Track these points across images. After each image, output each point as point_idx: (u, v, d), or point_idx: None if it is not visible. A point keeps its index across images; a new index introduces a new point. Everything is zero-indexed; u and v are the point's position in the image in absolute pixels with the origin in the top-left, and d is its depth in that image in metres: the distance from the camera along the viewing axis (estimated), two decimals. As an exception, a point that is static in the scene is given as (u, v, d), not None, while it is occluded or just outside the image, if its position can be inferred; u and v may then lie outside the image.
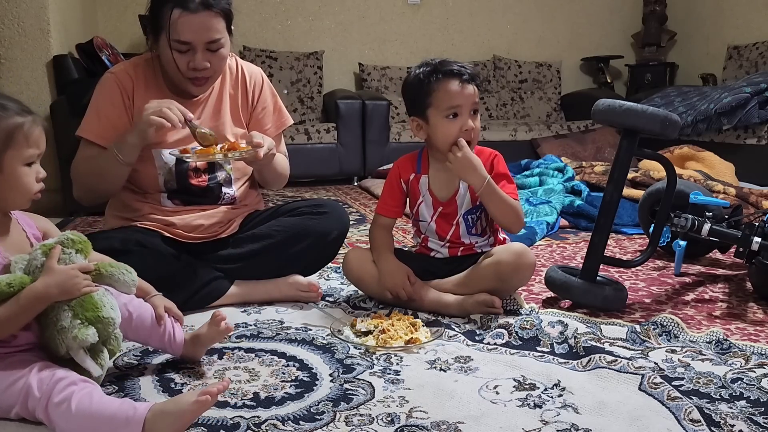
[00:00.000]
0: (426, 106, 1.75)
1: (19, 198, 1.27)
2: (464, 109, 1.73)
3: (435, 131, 1.76)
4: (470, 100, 1.73)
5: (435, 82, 1.73)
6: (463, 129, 1.73)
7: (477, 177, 1.71)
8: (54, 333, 1.20)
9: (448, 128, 1.73)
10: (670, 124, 1.73)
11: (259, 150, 1.70)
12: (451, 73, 1.73)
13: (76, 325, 1.20)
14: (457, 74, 1.73)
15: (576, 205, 3.03)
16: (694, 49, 5.75)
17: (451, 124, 1.73)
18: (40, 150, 1.27)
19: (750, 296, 1.95)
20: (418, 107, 1.77)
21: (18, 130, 1.23)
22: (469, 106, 1.73)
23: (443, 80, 1.73)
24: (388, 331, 1.57)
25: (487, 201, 1.74)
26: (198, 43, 1.73)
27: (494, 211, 1.75)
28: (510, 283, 1.75)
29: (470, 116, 1.74)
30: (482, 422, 1.19)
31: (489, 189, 1.71)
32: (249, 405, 1.26)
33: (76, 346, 1.20)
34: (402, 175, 1.86)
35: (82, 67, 3.77)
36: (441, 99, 1.72)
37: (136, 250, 1.70)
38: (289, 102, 4.98)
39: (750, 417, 1.19)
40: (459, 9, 5.72)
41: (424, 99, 1.75)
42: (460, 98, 1.72)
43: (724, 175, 3.46)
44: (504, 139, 4.96)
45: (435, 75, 1.73)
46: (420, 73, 1.76)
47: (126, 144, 1.71)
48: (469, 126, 1.73)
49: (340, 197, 4.12)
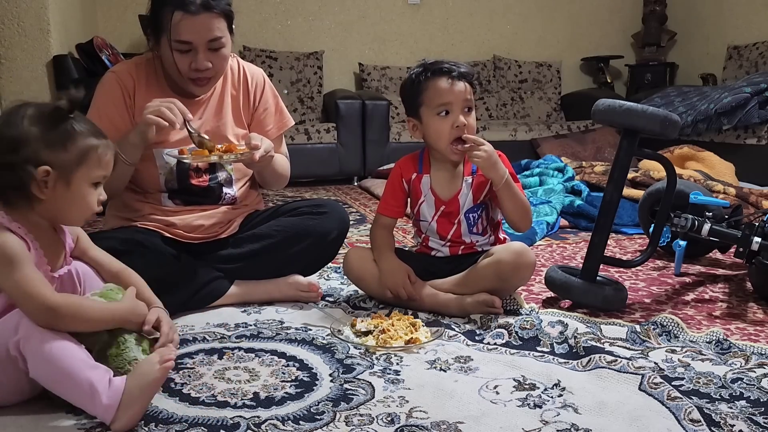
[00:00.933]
0: (418, 105, 1.77)
1: (79, 215, 1.31)
2: (455, 106, 1.73)
3: (428, 129, 1.77)
4: (460, 97, 1.74)
5: (425, 81, 1.76)
6: (455, 126, 1.73)
7: (499, 172, 1.71)
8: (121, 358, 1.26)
9: (439, 126, 1.74)
10: (670, 124, 1.73)
11: (255, 152, 1.71)
12: (440, 71, 1.75)
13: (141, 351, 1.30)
14: (446, 72, 1.74)
15: (576, 205, 3.03)
16: (694, 49, 5.75)
17: (443, 122, 1.74)
18: (107, 173, 1.31)
19: (750, 296, 1.95)
20: (412, 107, 1.80)
21: (93, 150, 1.27)
22: (460, 103, 1.74)
23: (432, 78, 1.75)
24: (388, 331, 1.57)
25: (505, 197, 1.74)
26: (199, 43, 1.74)
27: (509, 207, 1.75)
28: (510, 282, 1.75)
29: (463, 113, 1.74)
30: (482, 422, 1.19)
31: (508, 184, 1.72)
32: (249, 405, 1.26)
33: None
34: (404, 174, 1.87)
35: (82, 67, 3.77)
36: (431, 97, 1.74)
37: (137, 250, 1.70)
38: (289, 102, 4.98)
39: (750, 417, 1.19)
40: (459, 9, 5.72)
41: (416, 98, 1.77)
42: (449, 95, 1.73)
43: (724, 175, 3.46)
44: (504, 139, 4.96)
45: (425, 74, 1.76)
46: (413, 74, 1.79)
47: (128, 144, 1.71)
48: (461, 122, 1.74)
49: (340, 197, 4.12)
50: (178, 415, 1.22)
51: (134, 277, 1.43)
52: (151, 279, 1.48)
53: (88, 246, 1.43)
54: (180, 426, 1.18)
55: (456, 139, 1.74)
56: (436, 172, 1.84)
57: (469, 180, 1.81)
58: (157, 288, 1.47)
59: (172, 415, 1.22)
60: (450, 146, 1.75)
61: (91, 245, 1.44)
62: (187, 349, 1.54)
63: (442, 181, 1.83)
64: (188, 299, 1.78)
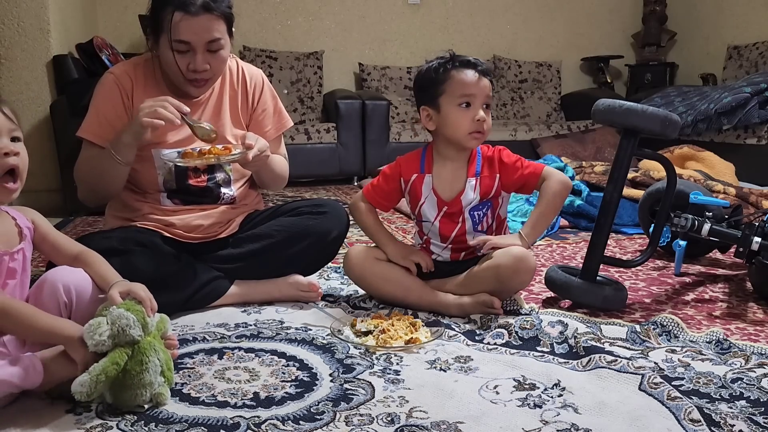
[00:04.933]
0: (439, 94, 1.75)
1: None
2: (477, 100, 1.73)
3: (446, 120, 1.76)
4: (484, 92, 1.74)
5: (451, 69, 1.75)
6: (475, 119, 1.73)
7: (519, 241, 1.74)
8: (140, 377, 1.23)
9: (460, 117, 1.73)
10: (670, 124, 1.73)
11: (248, 152, 1.70)
12: (467, 63, 1.76)
13: (161, 382, 1.27)
14: (473, 65, 1.75)
15: (576, 205, 3.03)
16: (694, 49, 5.75)
17: (464, 113, 1.73)
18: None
19: (750, 296, 1.95)
20: (429, 96, 1.77)
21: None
22: (482, 98, 1.74)
23: (459, 68, 1.75)
24: (388, 331, 1.57)
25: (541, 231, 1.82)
26: (198, 43, 1.74)
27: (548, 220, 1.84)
28: (509, 286, 1.74)
29: (483, 109, 1.74)
30: (482, 422, 1.19)
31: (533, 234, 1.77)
32: (249, 405, 1.26)
33: (149, 399, 1.24)
34: (404, 174, 1.85)
35: (82, 67, 3.77)
36: (455, 86, 1.73)
37: (136, 249, 1.71)
38: (289, 102, 4.99)
39: (750, 417, 1.19)
40: (459, 9, 5.72)
41: (437, 87, 1.75)
42: (474, 88, 1.73)
43: (724, 175, 3.46)
44: (504, 139, 4.96)
45: (451, 63, 1.76)
46: (435, 63, 1.78)
47: (121, 143, 1.70)
48: (482, 117, 1.73)
49: (340, 197, 4.12)
50: (178, 415, 1.22)
51: (92, 257, 1.42)
52: (151, 279, 1.48)
53: (47, 230, 1.42)
54: (180, 426, 1.18)
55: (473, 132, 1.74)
56: (439, 170, 1.82)
57: (472, 182, 1.79)
58: (157, 288, 1.47)
59: (172, 415, 1.22)
60: (468, 135, 1.74)
61: (50, 228, 1.43)
62: (187, 349, 1.54)
63: (444, 180, 1.82)
64: (188, 299, 1.78)
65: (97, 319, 1.24)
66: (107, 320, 1.24)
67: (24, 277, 1.36)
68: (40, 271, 1.53)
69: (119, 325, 1.23)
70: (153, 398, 1.25)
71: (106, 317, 1.24)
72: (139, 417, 1.21)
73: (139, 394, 1.22)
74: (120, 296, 1.31)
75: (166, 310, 1.45)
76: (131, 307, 1.27)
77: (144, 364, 1.23)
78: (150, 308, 1.32)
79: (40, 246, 1.42)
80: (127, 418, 1.21)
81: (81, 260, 1.41)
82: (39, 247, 1.42)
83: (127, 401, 1.23)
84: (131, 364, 1.22)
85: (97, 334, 1.21)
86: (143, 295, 1.33)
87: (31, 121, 3.62)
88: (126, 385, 1.22)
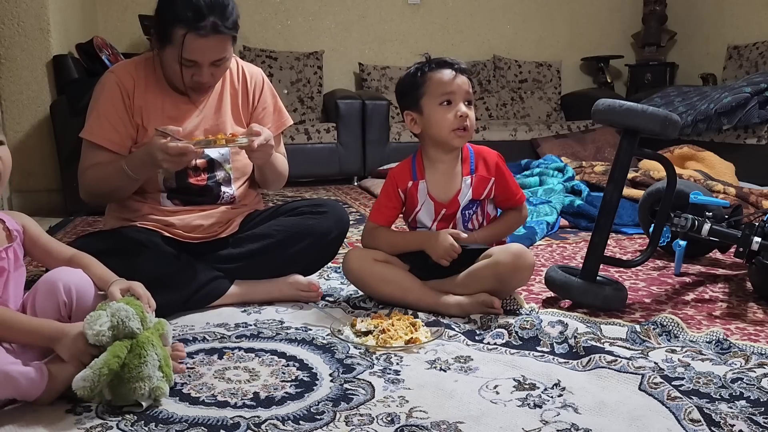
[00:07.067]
0: (419, 97, 1.78)
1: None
2: (457, 97, 1.75)
3: (429, 120, 1.78)
4: (463, 88, 1.76)
5: (428, 71, 1.78)
6: (458, 114, 1.74)
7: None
8: (138, 371, 1.23)
9: (442, 115, 1.75)
10: (670, 124, 1.73)
11: (254, 139, 1.70)
12: (444, 63, 1.79)
13: (160, 377, 1.26)
14: (449, 64, 1.78)
15: (576, 205, 3.03)
16: (694, 49, 5.75)
17: (445, 111, 1.75)
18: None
19: (750, 296, 1.95)
20: (411, 99, 1.80)
21: None
22: (462, 94, 1.76)
23: (436, 69, 1.78)
24: (388, 331, 1.57)
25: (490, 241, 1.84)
26: (204, 62, 1.76)
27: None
28: (509, 283, 1.75)
29: (464, 105, 1.76)
30: (482, 422, 1.19)
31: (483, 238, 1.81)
32: (249, 405, 1.26)
33: (148, 394, 1.24)
34: (399, 184, 1.85)
35: (82, 67, 3.77)
36: (434, 86, 1.76)
37: (136, 249, 1.71)
38: (289, 102, 4.98)
39: (750, 417, 1.19)
40: (459, 9, 5.72)
41: (417, 90, 1.78)
42: (453, 85, 1.75)
43: (724, 175, 3.46)
44: (504, 139, 4.96)
45: (428, 65, 1.79)
46: (413, 67, 1.82)
47: (138, 162, 1.73)
48: (463, 111, 1.75)
49: (340, 197, 4.12)
50: (178, 415, 1.22)
51: (87, 259, 1.43)
52: (152, 279, 1.48)
53: (38, 234, 1.43)
54: (180, 426, 1.18)
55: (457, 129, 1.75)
56: (432, 175, 1.83)
57: (468, 180, 1.80)
58: (158, 288, 1.47)
59: (172, 415, 1.22)
60: (452, 132, 1.75)
61: (41, 233, 1.44)
62: (187, 348, 1.54)
63: (439, 183, 1.82)
64: (188, 299, 1.78)
65: (97, 312, 1.25)
66: (107, 312, 1.24)
67: (17, 276, 1.36)
68: (40, 271, 1.53)
69: (119, 317, 1.23)
70: (151, 392, 1.24)
71: (106, 310, 1.25)
72: (139, 417, 1.21)
73: (138, 387, 1.22)
74: (120, 293, 1.32)
75: (166, 310, 1.45)
76: (130, 302, 1.29)
77: (142, 357, 1.23)
78: (148, 305, 1.32)
79: (31, 251, 1.42)
80: (127, 418, 1.21)
81: (75, 263, 1.42)
82: (30, 251, 1.42)
83: (125, 395, 1.22)
84: (129, 357, 1.22)
85: (97, 324, 1.22)
86: (141, 293, 1.34)
87: (31, 121, 3.62)
88: (124, 378, 1.22)
